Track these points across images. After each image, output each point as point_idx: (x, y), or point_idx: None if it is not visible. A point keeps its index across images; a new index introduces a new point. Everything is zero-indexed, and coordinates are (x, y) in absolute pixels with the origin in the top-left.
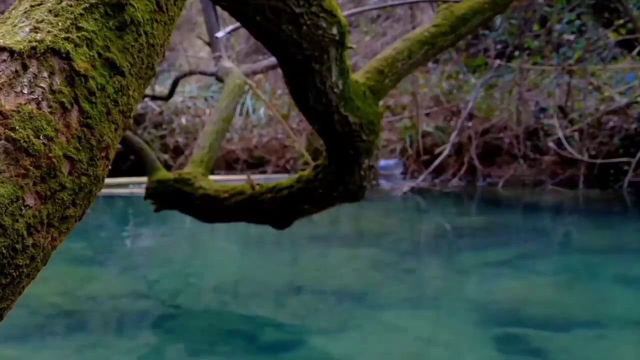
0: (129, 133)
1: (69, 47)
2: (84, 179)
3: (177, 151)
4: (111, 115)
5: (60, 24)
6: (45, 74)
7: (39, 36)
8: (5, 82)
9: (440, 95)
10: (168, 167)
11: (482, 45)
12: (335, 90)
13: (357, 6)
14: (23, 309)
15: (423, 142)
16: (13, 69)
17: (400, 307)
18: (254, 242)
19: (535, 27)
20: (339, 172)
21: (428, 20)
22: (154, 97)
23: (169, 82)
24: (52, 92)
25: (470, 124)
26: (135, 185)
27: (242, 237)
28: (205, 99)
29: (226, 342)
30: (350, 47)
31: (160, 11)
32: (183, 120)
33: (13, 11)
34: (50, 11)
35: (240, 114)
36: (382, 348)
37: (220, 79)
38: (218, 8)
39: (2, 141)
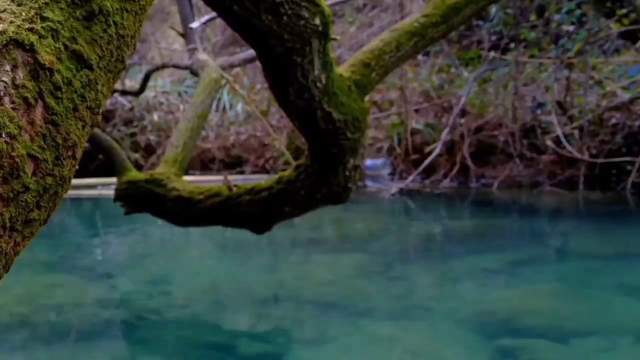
0: (97, 131)
1: (33, 38)
2: (49, 180)
3: (149, 150)
4: (78, 112)
5: (23, 13)
6: (8, 67)
7: (0, 27)
8: None
9: (430, 90)
10: (139, 167)
11: (476, 36)
12: (318, 84)
13: None
14: None
15: (412, 141)
16: None
17: (387, 317)
18: (231, 248)
19: (533, 17)
20: (322, 172)
21: (417, 10)
22: (124, 92)
23: (140, 76)
24: (15, 86)
25: (462, 120)
26: (104, 187)
27: (218, 242)
28: (179, 94)
29: (201, 354)
30: (334, 39)
31: (130, 0)
32: (155, 116)
33: None
34: (13, 0)
35: (217, 110)
36: None
37: (195, 73)
38: None
39: None
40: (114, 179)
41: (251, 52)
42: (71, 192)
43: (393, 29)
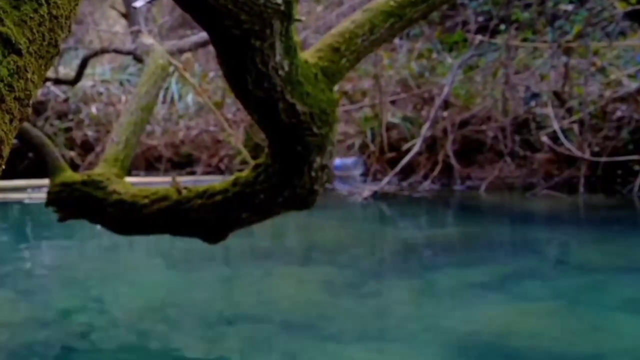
0: (27, 125)
1: None
2: None
3: (86, 147)
4: (5, 103)
5: None
6: None
7: None
8: None
9: (408, 79)
10: (75, 167)
11: (461, 17)
12: (280, 72)
13: None
14: None
15: (388, 136)
16: None
17: (359, 338)
18: (181, 259)
19: None
20: (284, 172)
21: None
22: (57, 81)
23: (76, 63)
24: None
25: (445, 114)
26: (35, 189)
27: (166, 253)
28: (121, 83)
29: None
30: (299, 20)
31: None
32: (93, 109)
33: None
34: None
35: (164, 102)
36: None
37: (138, 59)
38: None
39: None
40: (46, 181)
41: (203, 35)
42: None
43: (366, 9)
